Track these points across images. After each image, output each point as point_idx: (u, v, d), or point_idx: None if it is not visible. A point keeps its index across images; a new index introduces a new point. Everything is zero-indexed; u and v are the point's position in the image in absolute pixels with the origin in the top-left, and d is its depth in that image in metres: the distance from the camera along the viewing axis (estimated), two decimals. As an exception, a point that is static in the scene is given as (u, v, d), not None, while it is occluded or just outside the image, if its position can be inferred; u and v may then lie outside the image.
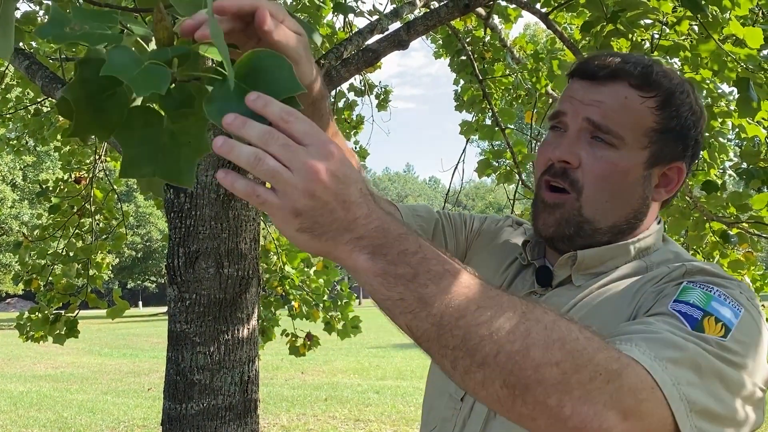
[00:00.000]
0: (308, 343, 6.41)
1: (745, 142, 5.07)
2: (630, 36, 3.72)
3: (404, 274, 0.87)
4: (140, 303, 55.00)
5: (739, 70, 3.46)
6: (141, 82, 0.79)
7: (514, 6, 5.58)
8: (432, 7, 4.52)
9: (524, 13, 4.59)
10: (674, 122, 1.25)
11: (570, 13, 5.64)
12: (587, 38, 3.82)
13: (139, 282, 51.99)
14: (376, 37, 3.81)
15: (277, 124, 0.84)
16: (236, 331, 3.61)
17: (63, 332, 5.69)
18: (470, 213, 1.59)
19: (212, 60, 0.90)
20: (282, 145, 0.83)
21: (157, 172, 0.89)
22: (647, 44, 3.92)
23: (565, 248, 1.29)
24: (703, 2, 3.22)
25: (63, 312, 5.81)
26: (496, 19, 5.82)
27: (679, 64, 3.93)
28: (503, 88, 6.07)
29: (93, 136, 0.88)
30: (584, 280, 1.27)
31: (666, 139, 1.25)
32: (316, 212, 0.85)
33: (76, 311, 5.86)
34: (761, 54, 3.55)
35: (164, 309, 43.54)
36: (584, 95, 1.24)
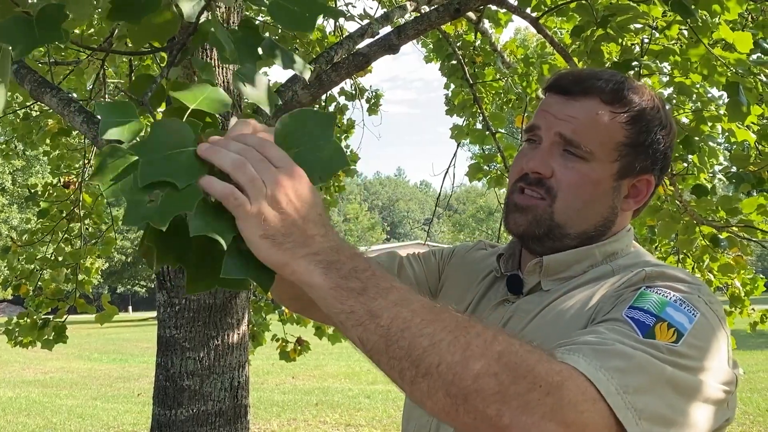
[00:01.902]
0: (299, 347, 6.40)
1: (734, 146, 5.08)
2: (620, 40, 3.73)
3: (355, 287, 0.96)
4: (130, 308, 54.76)
5: (729, 74, 3.48)
6: (224, 237, 0.93)
7: (504, 10, 5.58)
8: (423, 11, 4.51)
9: (515, 17, 4.59)
10: (643, 137, 1.30)
11: (560, 18, 5.65)
12: (577, 42, 3.83)
13: (128, 287, 51.78)
14: (367, 41, 3.80)
15: (255, 149, 0.97)
16: (226, 337, 3.59)
17: (51, 337, 5.66)
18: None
19: None
20: (259, 160, 0.96)
21: (217, 283, 1.00)
22: (637, 48, 3.92)
23: (536, 249, 1.33)
24: (692, 7, 3.23)
25: (51, 317, 5.77)
26: (486, 24, 5.82)
27: (668, 68, 3.94)
28: (494, 92, 6.07)
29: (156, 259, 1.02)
30: (553, 284, 1.31)
31: (635, 153, 1.30)
32: (279, 222, 0.95)
33: (65, 316, 5.83)
34: (750, 58, 3.57)
35: (154, 314, 43.30)
36: (557, 110, 1.30)
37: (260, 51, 1.36)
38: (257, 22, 5.29)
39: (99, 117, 1.00)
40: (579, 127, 1.27)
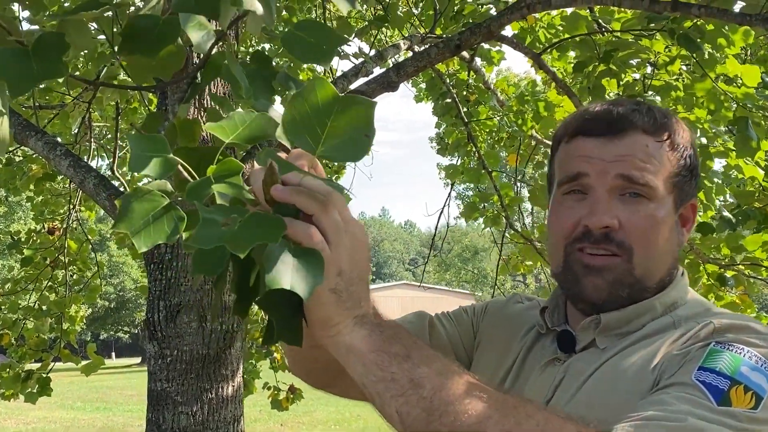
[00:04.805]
0: (291, 396, 6.22)
1: (731, 181, 5.01)
2: (622, 76, 3.67)
3: (398, 352, 0.90)
4: (113, 354, 54.06)
5: (735, 108, 3.41)
6: (304, 287, 0.82)
7: (497, 48, 5.53)
8: (416, 50, 4.44)
9: (509, 55, 4.54)
10: (686, 160, 1.20)
11: (551, 56, 5.61)
12: (579, 78, 3.76)
13: (111, 333, 51.18)
14: (362, 80, 3.71)
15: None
16: (220, 389, 3.43)
17: (35, 390, 5.47)
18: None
19: None
20: (343, 206, 0.90)
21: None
22: (639, 84, 3.86)
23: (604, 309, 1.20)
24: (698, 40, 3.16)
25: (35, 369, 5.58)
26: (478, 62, 5.77)
27: (672, 104, 3.87)
28: (487, 130, 6.00)
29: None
30: (609, 342, 1.18)
31: (684, 180, 1.20)
32: (352, 279, 0.90)
33: (49, 368, 5.64)
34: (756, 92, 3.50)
35: (138, 360, 42.81)
36: (603, 153, 1.17)
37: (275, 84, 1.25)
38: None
39: (130, 148, 0.88)
40: (637, 163, 1.15)
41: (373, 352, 0.90)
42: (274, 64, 1.43)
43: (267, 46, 6.33)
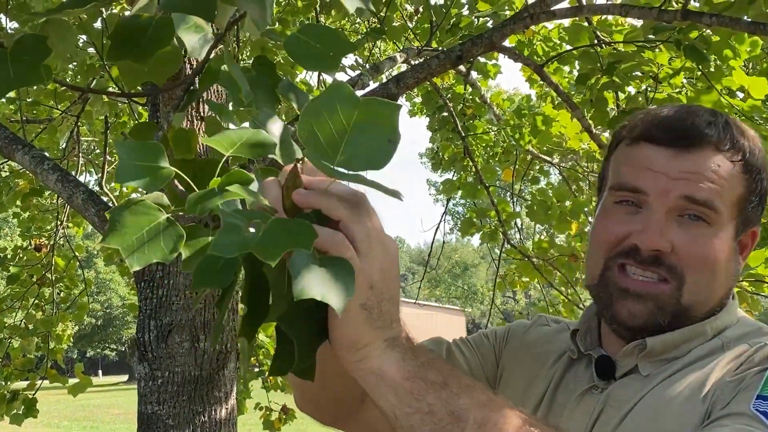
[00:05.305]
0: (284, 416, 6.09)
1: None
2: (625, 88, 3.61)
3: (435, 380, 0.81)
4: (100, 372, 53.63)
5: (742, 120, 3.35)
6: (336, 299, 0.73)
7: (494, 62, 5.47)
8: (412, 63, 4.37)
9: (504, 69, 4.47)
10: (757, 185, 1.10)
11: (550, 69, 5.55)
12: (583, 90, 3.69)
13: (98, 350, 50.80)
14: (359, 93, 3.63)
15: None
16: (213, 412, 3.32)
17: (21, 412, 5.34)
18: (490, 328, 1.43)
19: None
20: (375, 215, 0.82)
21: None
22: (640, 98, 3.80)
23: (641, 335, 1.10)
24: (704, 51, 3.09)
25: (21, 389, 5.45)
26: (474, 76, 5.71)
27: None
28: (483, 145, 5.93)
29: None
30: (653, 368, 1.08)
31: (751, 205, 1.10)
32: (383, 295, 0.81)
33: (36, 388, 5.50)
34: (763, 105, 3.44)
35: (125, 378, 42.43)
36: (668, 166, 1.06)
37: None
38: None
39: (118, 156, 0.80)
40: (706, 183, 1.04)
41: (407, 380, 0.80)
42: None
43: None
